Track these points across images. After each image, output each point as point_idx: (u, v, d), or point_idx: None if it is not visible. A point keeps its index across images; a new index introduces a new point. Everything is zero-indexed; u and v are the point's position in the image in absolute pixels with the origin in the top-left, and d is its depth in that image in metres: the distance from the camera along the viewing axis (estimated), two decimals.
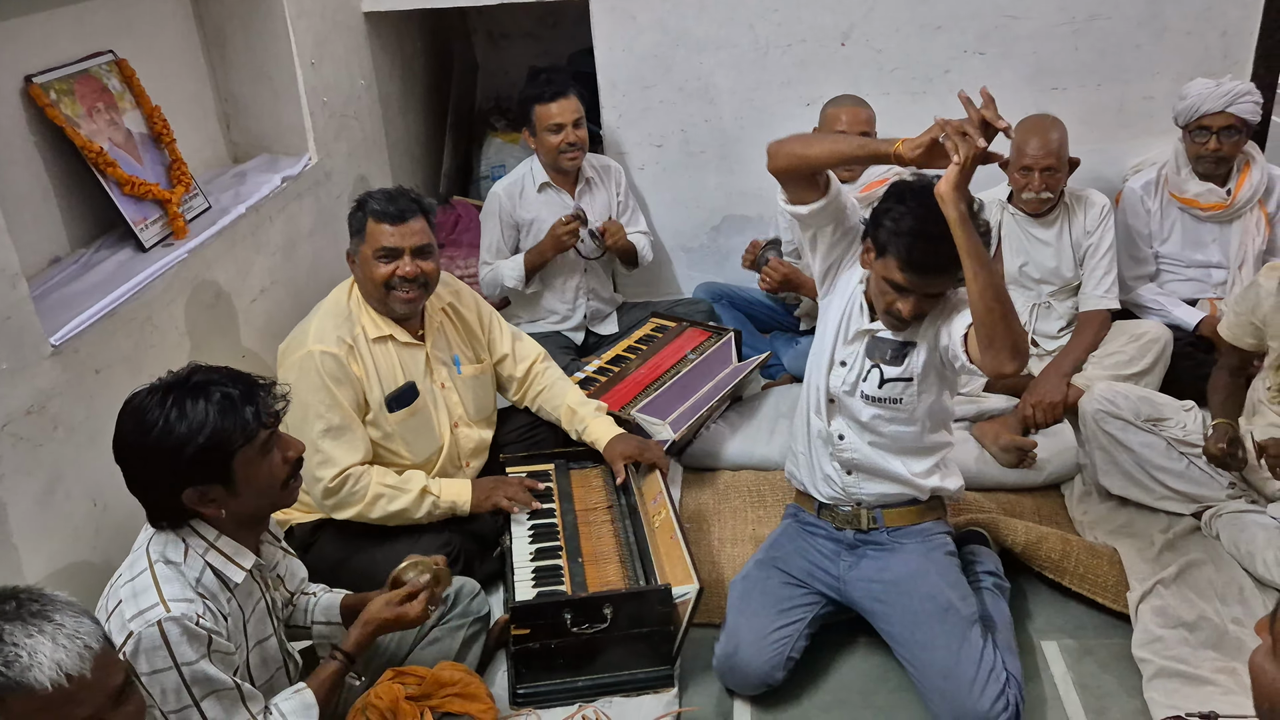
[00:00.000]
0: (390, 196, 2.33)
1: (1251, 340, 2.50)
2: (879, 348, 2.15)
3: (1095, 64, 3.31)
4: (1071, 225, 3.04)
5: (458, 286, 2.61)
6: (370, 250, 2.31)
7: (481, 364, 2.59)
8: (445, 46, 4.50)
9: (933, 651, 2.09)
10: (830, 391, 2.22)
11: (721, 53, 3.43)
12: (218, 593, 1.66)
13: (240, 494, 1.65)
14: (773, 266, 3.19)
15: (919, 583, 2.17)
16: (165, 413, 1.60)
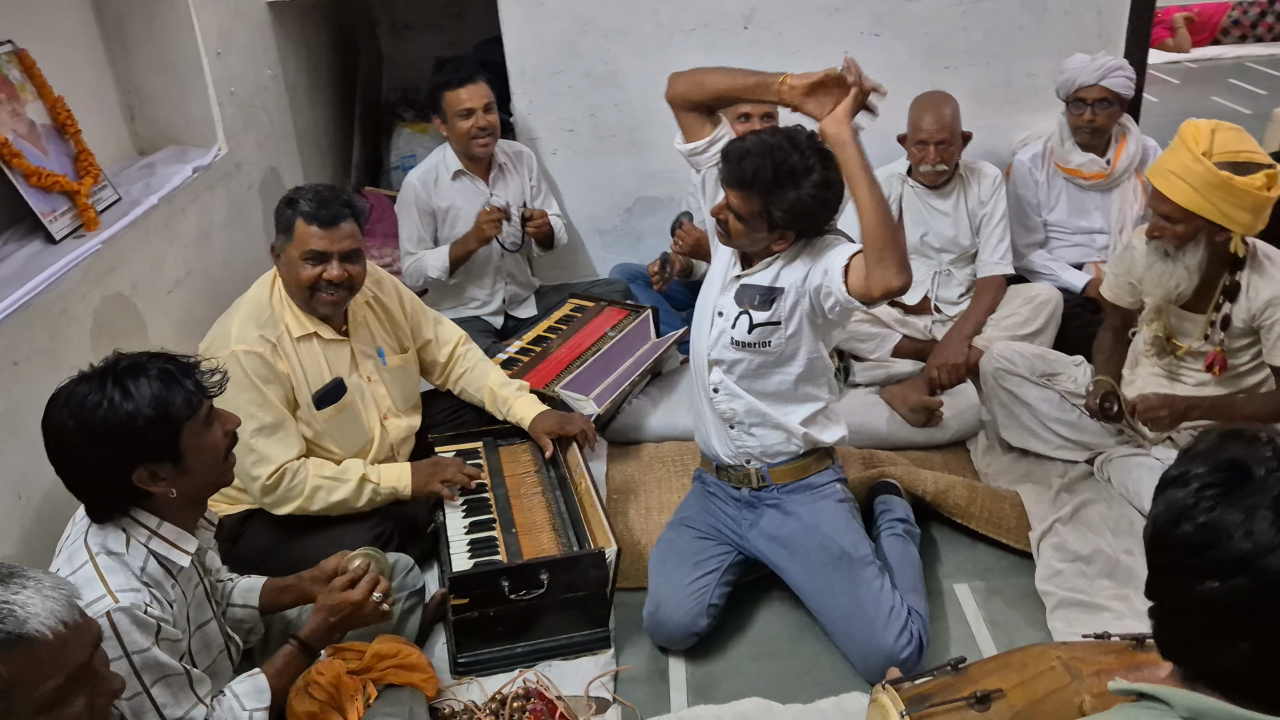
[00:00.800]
0: (322, 200, 2.30)
1: (1130, 299, 2.68)
2: (747, 293, 2.24)
3: (983, 44, 3.48)
4: (967, 196, 3.20)
5: (379, 275, 2.61)
6: (297, 252, 2.29)
7: (406, 352, 2.60)
8: (350, 37, 4.48)
9: (833, 597, 2.21)
10: (708, 343, 2.31)
11: (628, 38, 3.50)
12: (162, 580, 1.67)
13: (189, 470, 1.66)
14: (686, 230, 3.28)
15: (812, 535, 2.28)
16: (107, 394, 1.59)
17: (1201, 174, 2.25)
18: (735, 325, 2.24)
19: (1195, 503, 1.03)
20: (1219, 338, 2.47)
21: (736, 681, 2.21)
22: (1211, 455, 1.06)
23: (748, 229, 2.16)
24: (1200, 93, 6.70)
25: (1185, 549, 1.03)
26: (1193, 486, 1.04)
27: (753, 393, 2.30)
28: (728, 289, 2.29)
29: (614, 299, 3.42)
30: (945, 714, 1.68)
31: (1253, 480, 1.02)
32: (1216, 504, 1.02)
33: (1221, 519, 1.01)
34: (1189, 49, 7.63)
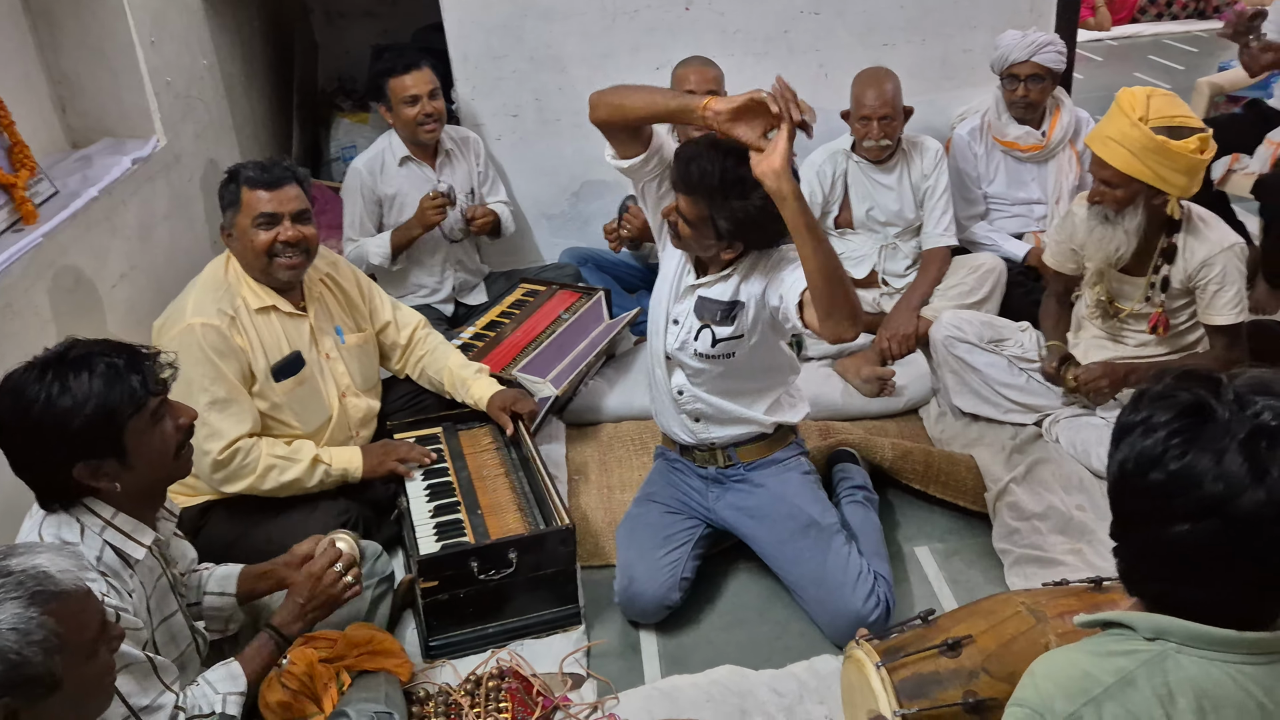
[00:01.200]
0: (264, 165, 2.32)
1: (1072, 265, 2.76)
2: (707, 308, 2.20)
3: (919, 21, 3.54)
4: (910, 170, 3.26)
5: (334, 258, 2.60)
6: (248, 219, 2.28)
7: (364, 332, 2.59)
8: (284, 26, 4.39)
9: (803, 565, 2.25)
10: (666, 349, 2.29)
11: (570, 21, 3.49)
12: (120, 570, 1.64)
13: (134, 466, 1.63)
14: (633, 213, 3.29)
15: (780, 505, 2.31)
16: (46, 388, 1.56)
17: (1139, 139, 2.32)
18: (698, 338, 2.22)
19: (1164, 450, 1.06)
20: (1159, 299, 2.55)
21: (708, 651, 2.24)
22: (1172, 400, 1.09)
23: (696, 234, 2.11)
24: (1122, 69, 6.88)
25: (1157, 495, 1.07)
26: (1160, 434, 1.07)
27: (717, 394, 2.30)
28: (683, 298, 2.26)
29: (565, 282, 3.42)
30: (919, 662, 1.73)
31: (1217, 422, 1.05)
32: (1186, 450, 1.05)
33: (1192, 465, 1.04)
34: (1109, 27, 7.83)
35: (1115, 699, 1.07)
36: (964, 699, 1.66)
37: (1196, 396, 1.08)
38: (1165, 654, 1.09)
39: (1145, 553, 1.13)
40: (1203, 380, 1.11)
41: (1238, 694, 1.06)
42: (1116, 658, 1.11)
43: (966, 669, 1.71)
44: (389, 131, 3.30)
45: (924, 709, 1.66)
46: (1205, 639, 1.07)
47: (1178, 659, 1.08)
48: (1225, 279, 2.44)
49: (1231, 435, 1.04)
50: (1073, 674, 1.12)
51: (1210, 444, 1.04)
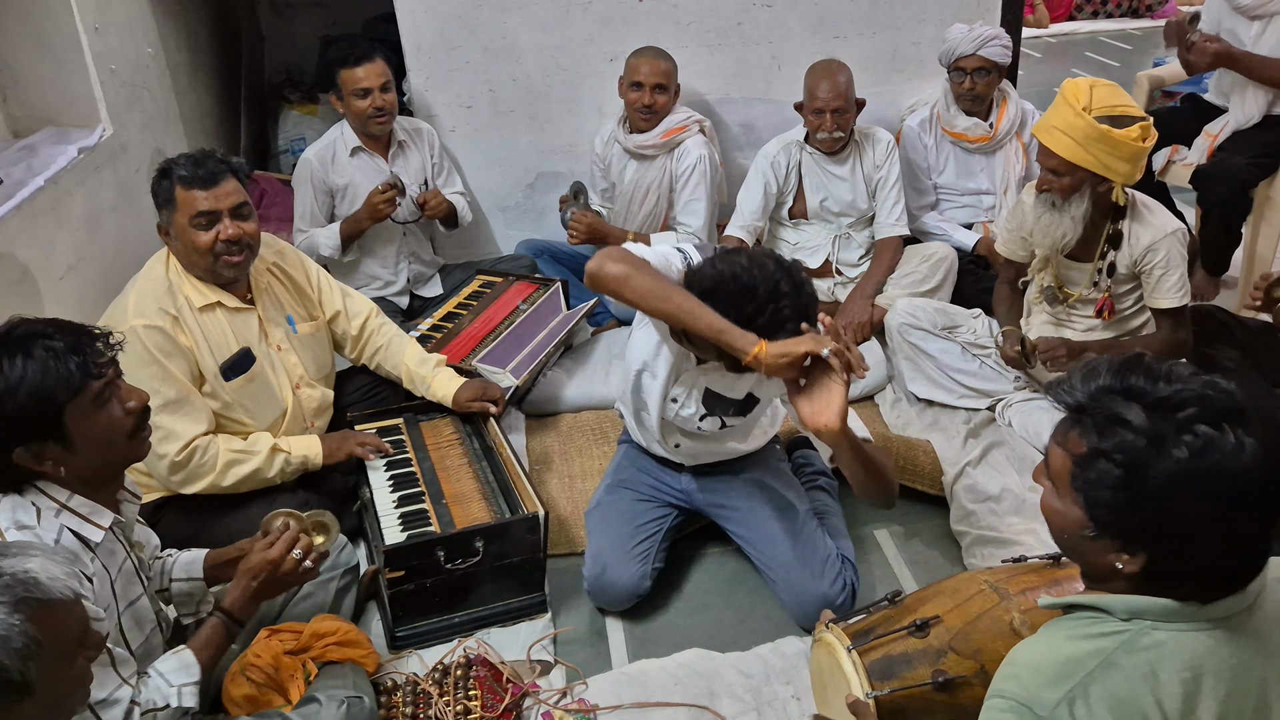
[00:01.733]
0: (196, 160, 2.22)
1: (1023, 253, 2.82)
2: (719, 403, 2.17)
3: (869, 14, 3.59)
4: (863, 160, 3.31)
5: (280, 246, 2.54)
6: (185, 219, 2.20)
7: (316, 321, 2.55)
8: (231, 16, 4.32)
9: (776, 547, 2.28)
10: (665, 416, 2.26)
11: (525, 11, 3.48)
12: (79, 553, 1.60)
13: (78, 450, 1.60)
14: (577, 219, 3.30)
15: (756, 486, 2.35)
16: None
17: (1083, 128, 2.39)
18: (703, 420, 2.21)
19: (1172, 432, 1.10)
20: (1106, 284, 2.62)
21: (675, 635, 2.25)
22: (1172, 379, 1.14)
23: (698, 350, 2.01)
24: (1060, 65, 7.04)
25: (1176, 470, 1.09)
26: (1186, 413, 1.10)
27: (713, 443, 2.32)
28: (684, 381, 2.18)
29: (522, 274, 3.41)
30: (889, 644, 1.75)
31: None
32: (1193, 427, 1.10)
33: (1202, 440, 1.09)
34: (1048, 24, 8.01)
35: (1099, 682, 1.10)
36: (933, 678, 1.69)
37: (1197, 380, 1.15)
38: (1142, 632, 1.12)
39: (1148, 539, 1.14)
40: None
41: (1213, 661, 1.10)
42: (1095, 640, 1.14)
43: (934, 648, 1.74)
44: (341, 122, 3.26)
45: (895, 689, 1.68)
46: (1179, 613, 1.11)
47: (1154, 636, 1.12)
48: (1169, 263, 2.51)
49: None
50: (1054, 660, 1.15)
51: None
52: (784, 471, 2.43)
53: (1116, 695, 1.09)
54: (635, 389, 2.26)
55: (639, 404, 2.29)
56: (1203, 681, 1.10)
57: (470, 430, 2.59)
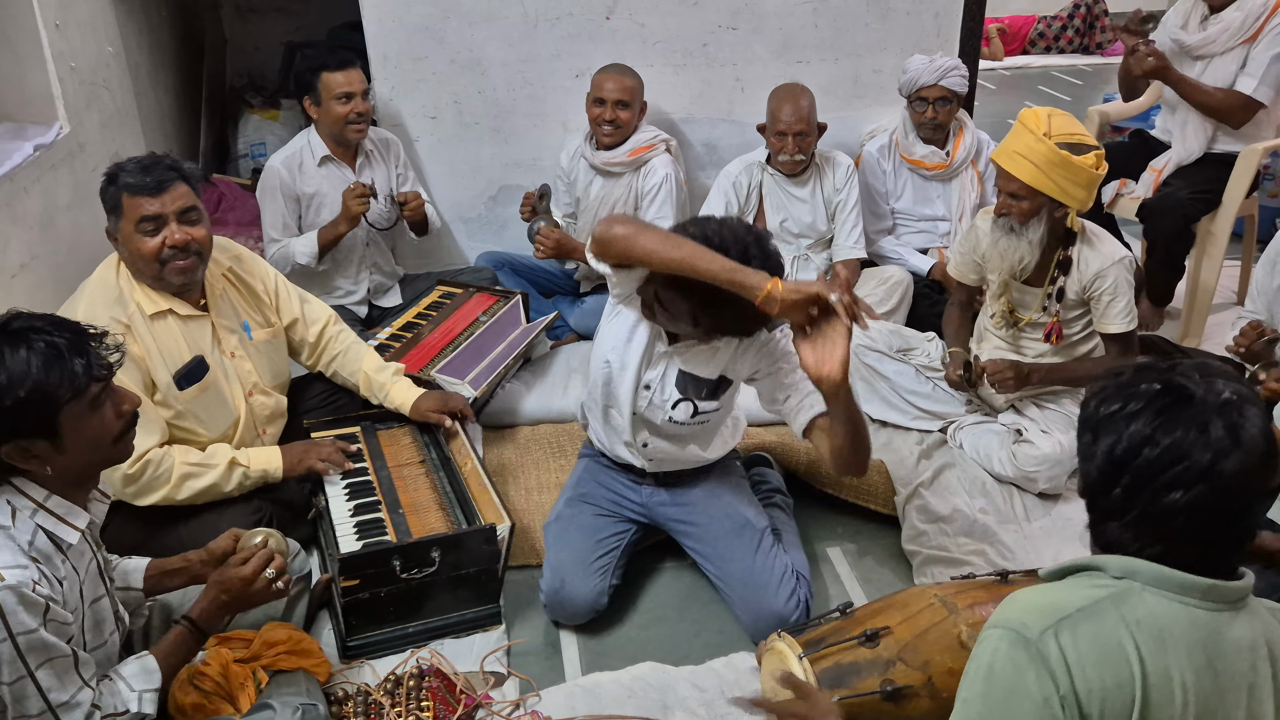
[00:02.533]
0: (144, 166, 2.16)
1: (974, 277, 2.89)
2: (692, 384, 2.20)
3: (832, 40, 3.66)
4: (823, 184, 3.36)
5: (238, 251, 2.50)
6: (131, 225, 2.15)
7: (273, 327, 2.52)
8: (193, 18, 4.28)
9: (734, 562, 2.29)
10: (636, 409, 2.26)
11: (492, 25, 3.50)
12: (51, 555, 1.58)
13: (68, 450, 1.57)
14: (544, 234, 3.31)
15: (716, 502, 2.37)
16: None
17: (1044, 153, 2.45)
18: (675, 408, 2.22)
19: (1153, 430, 1.18)
20: (1055, 309, 2.69)
21: (629, 649, 2.26)
22: (1144, 388, 1.21)
23: (672, 321, 2.08)
24: (1013, 97, 7.21)
25: (1151, 471, 1.18)
26: (1145, 416, 1.19)
27: (681, 443, 2.34)
28: (656, 364, 2.21)
29: (483, 285, 3.41)
30: (839, 653, 1.78)
31: (1194, 400, 1.18)
32: (1174, 426, 1.17)
33: (1182, 439, 1.16)
34: (1002, 57, 8.21)
35: (1086, 621, 1.18)
36: (881, 687, 1.73)
37: (1171, 381, 1.20)
38: (1132, 589, 1.20)
39: (1138, 525, 1.21)
40: (1164, 369, 1.23)
41: (1188, 632, 1.17)
42: (1089, 590, 1.22)
43: (884, 659, 1.77)
44: (308, 129, 3.25)
45: (844, 697, 1.71)
46: (1171, 581, 1.19)
47: (1143, 595, 1.19)
48: (1117, 290, 2.59)
49: (1209, 407, 1.17)
50: (1050, 600, 1.22)
51: (1193, 419, 1.17)
52: (743, 487, 2.45)
53: (1100, 634, 1.17)
54: (605, 383, 2.26)
55: (609, 400, 2.29)
56: (1172, 649, 1.16)
57: (428, 440, 2.58)
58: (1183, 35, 3.39)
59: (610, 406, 2.31)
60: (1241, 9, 3.24)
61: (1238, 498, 1.17)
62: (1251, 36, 3.24)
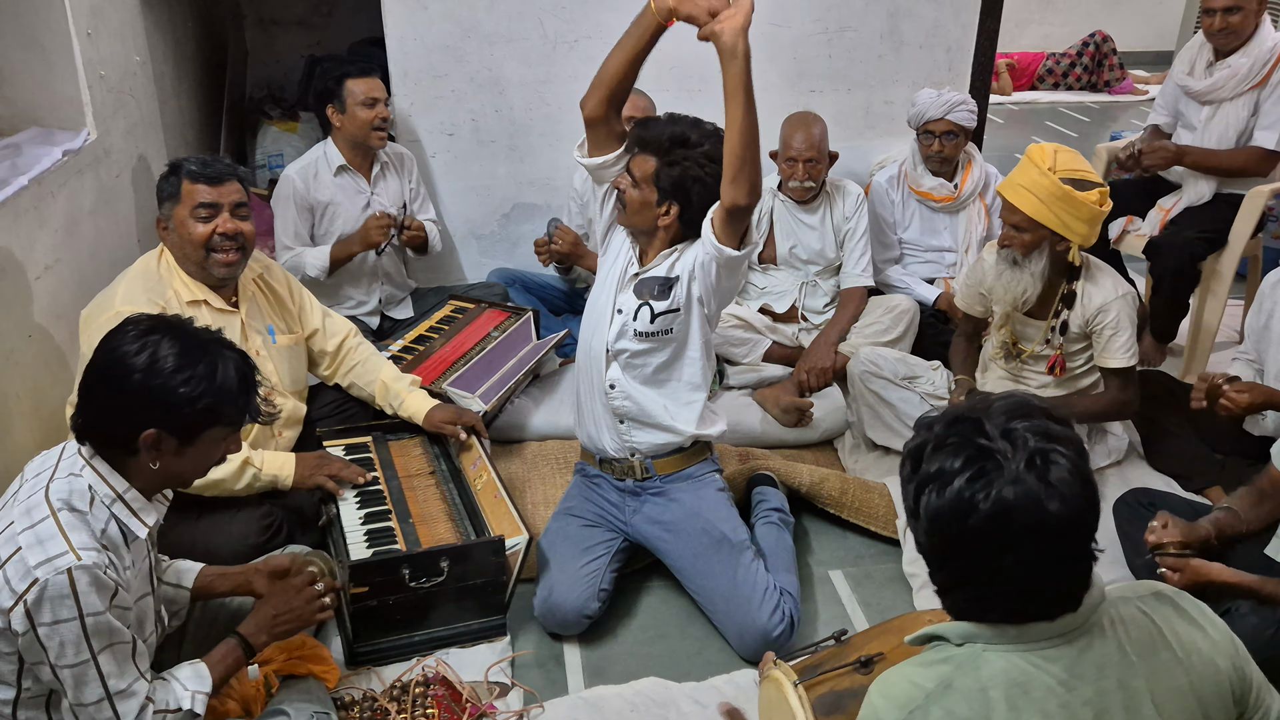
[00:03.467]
0: (205, 161, 2.34)
1: (980, 308, 2.93)
2: (646, 285, 2.35)
3: (846, 71, 3.72)
4: (833, 211, 3.41)
5: (267, 261, 2.59)
6: (186, 210, 2.28)
7: (295, 334, 2.57)
8: (218, 30, 4.35)
9: (713, 579, 2.33)
10: (607, 343, 2.39)
11: (512, 45, 3.56)
12: (119, 545, 1.63)
13: (185, 458, 1.65)
14: (562, 230, 3.36)
15: (694, 520, 2.40)
16: (195, 370, 1.60)
17: (1048, 187, 2.50)
18: (636, 317, 2.34)
19: (970, 496, 1.15)
20: (1058, 342, 2.73)
21: (630, 664, 2.29)
22: (951, 447, 1.19)
23: (640, 197, 2.30)
24: (1021, 132, 7.28)
25: (977, 538, 1.16)
26: (958, 483, 1.16)
27: (648, 384, 2.39)
28: (627, 286, 2.39)
29: (494, 301, 3.46)
30: (835, 679, 1.81)
31: (999, 458, 1.15)
32: (988, 490, 1.14)
33: (1001, 501, 1.14)
34: (1011, 92, 8.28)
35: (938, 702, 1.19)
36: None
37: (971, 443, 1.18)
38: (975, 654, 1.21)
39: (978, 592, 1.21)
40: (966, 422, 1.21)
41: (1041, 677, 1.18)
42: (937, 665, 1.23)
43: None
44: (325, 141, 3.30)
45: None
46: (1007, 636, 1.20)
47: (986, 657, 1.20)
48: (1119, 325, 2.63)
49: (1018, 462, 1.15)
50: (902, 687, 1.23)
51: (1004, 478, 1.15)
52: (721, 501, 2.46)
53: (953, 713, 1.17)
54: (591, 323, 2.46)
55: (590, 332, 2.47)
56: (1030, 698, 1.17)
57: (439, 452, 2.62)
58: (1189, 81, 3.44)
59: (590, 366, 2.44)
60: (1248, 55, 3.29)
61: (1068, 541, 1.17)
62: (1260, 82, 3.29)
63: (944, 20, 3.67)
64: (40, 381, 2.49)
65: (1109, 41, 8.36)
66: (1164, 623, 1.27)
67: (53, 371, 2.53)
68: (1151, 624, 1.26)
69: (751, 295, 3.52)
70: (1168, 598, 1.31)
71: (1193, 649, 1.25)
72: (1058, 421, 1.20)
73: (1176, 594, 1.32)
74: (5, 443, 2.31)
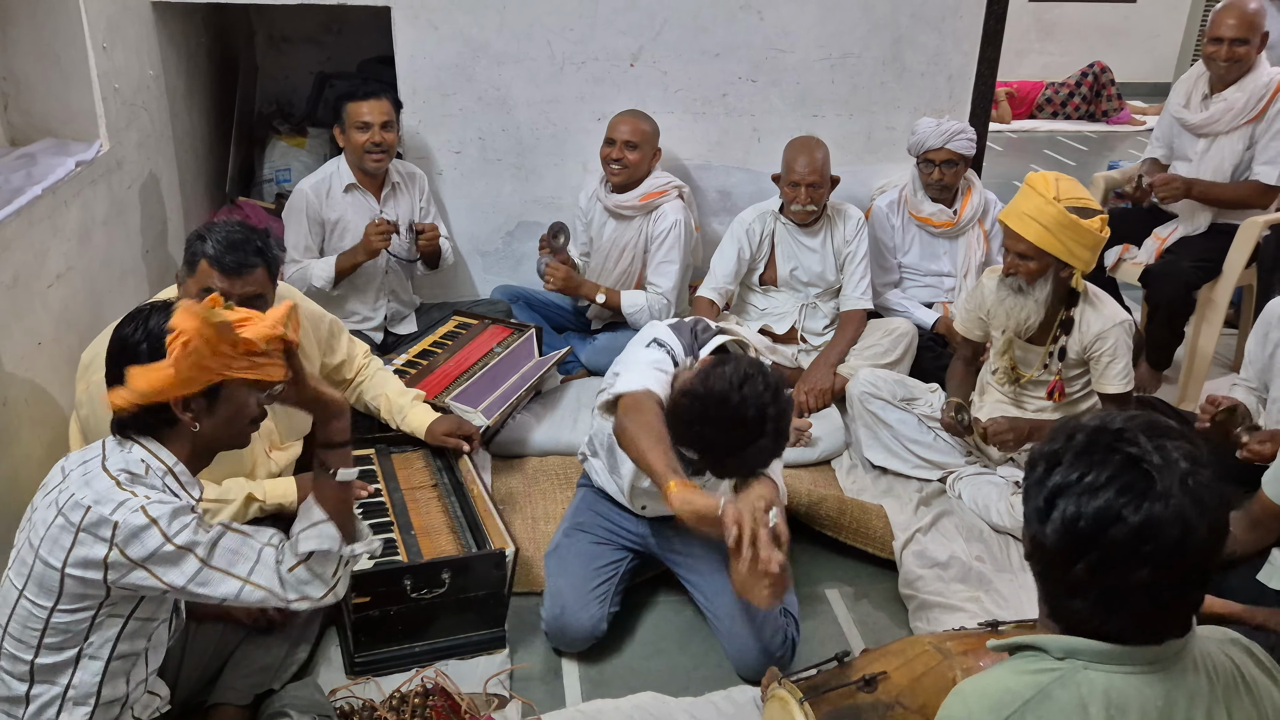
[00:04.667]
0: (232, 243, 2.17)
1: (979, 332, 2.97)
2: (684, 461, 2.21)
3: (849, 96, 3.77)
4: (833, 234, 3.46)
5: (296, 297, 2.55)
6: (195, 289, 2.18)
7: None
8: (229, 46, 4.41)
9: (725, 595, 2.34)
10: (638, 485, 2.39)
11: (520, 66, 3.61)
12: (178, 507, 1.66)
13: (216, 414, 1.67)
14: (553, 268, 3.40)
15: (710, 538, 2.41)
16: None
17: (1054, 215, 2.54)
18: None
19: (1120, 509, 1.16)
20: (1057, 367, 2.77)
21: (629, 678, 2.31)
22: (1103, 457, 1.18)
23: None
24: (1019, 160, 7.35)
25: (1119, 549, 1.16)
26: (1109, 493, 1.16)
27: None
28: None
29: (498, 317, 3.49)
30: (839, 697, 1.83)
31: (1153, 474, 1.16)
32: (1140, 503, 1.15)
33: (1151, 516, 1.14)
34: (1010, 120, 8.37)
35: (1034, 711, 1.19)
36: None
37: (1122, 454, 1.19)
38: (1076, 670, 1.22)
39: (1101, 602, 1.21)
40: (1112, 433, 1.22)
41: (1140, 700, 1.20)
42: (1034, 675, 1.24)
43: (883, 702, 1.82)
44: (338, 157, 3.35)
45: None
46: (1111, 655, 1.21)
47: (1087, 674, 1.21)
48: (1116, 351, 2.67)
49: (1173, 480, 1.16)
50: (997, 689, 1.24)
51: (1155, 494, 1.15)
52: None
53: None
54: (615, 450, 2.36)
55: (612, 467, 2.44)
56: (1134, 717, 1.19)
57: (441, 464, 2.64)
58: (1185, 114, 3.50)
59: (615, 474, 2.44)
60: (1244, 90, 3.35)
61: (1200, 567, 1.18)
62: (1255, 116, 3.34)
63: (945, 48, 3.72)
64: (50, 389, 2.51)
65: (1107, 72, 8.45)
66: (1243, 666, 1.30)
67: (62, 379, 2.56)
68: (1233, 665, 1.29)
69: (752, 316, 3.56)
70: (1243, 644, 1.34)
71: (1267, 695, 1.28)
72: (1197, 446, 1.20)
73: (1250, 643, 1.35)
74: (14, 449, 2.33)
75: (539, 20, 3.55)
